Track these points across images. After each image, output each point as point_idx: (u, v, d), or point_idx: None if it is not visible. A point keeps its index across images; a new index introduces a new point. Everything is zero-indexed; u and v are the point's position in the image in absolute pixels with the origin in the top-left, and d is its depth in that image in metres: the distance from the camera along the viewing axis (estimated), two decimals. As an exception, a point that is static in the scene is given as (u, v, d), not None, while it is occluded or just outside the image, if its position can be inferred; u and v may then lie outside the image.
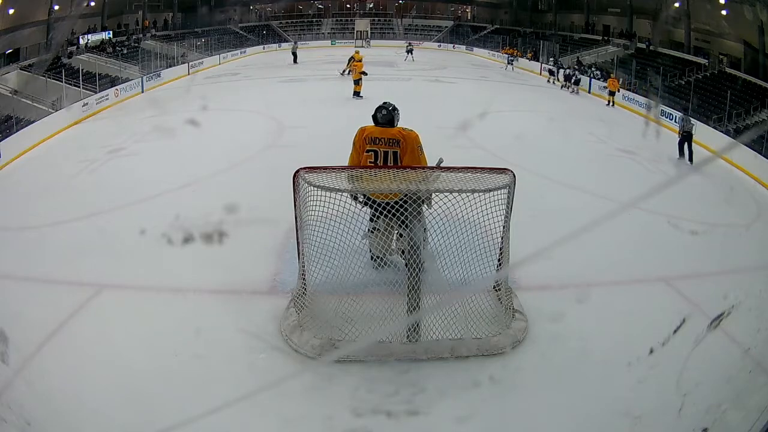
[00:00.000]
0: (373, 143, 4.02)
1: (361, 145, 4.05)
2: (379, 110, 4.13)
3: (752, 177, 8.65)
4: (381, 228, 3.81)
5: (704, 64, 15.80)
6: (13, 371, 3.26)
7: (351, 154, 4.13)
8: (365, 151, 4.03)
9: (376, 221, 3.78)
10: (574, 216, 5.37)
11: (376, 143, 4.01)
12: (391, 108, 4.13)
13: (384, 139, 4.00)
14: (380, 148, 4.00)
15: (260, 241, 5.03)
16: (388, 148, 3.98)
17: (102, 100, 13.42)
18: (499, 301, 3.92)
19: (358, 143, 4.08)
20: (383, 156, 3.98)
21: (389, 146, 3.98)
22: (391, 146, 3.98)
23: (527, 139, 7.87)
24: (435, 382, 3.30)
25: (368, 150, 4.02)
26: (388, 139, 4.00)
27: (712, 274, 4.79)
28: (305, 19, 30.35)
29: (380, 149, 4.00)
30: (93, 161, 8.22)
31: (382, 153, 3.99)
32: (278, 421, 2.99)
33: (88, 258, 4.85)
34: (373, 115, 4.15)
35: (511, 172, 3.64)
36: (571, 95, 15.49)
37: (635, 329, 3.79)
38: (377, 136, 4.02)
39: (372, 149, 4.01)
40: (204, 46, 22.33)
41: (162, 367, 3.39)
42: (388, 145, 3.99)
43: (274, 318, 3.91)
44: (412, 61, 21.16)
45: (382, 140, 4.00)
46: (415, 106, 12.91)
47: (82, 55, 17.14)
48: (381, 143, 4.00)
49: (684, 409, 2.77)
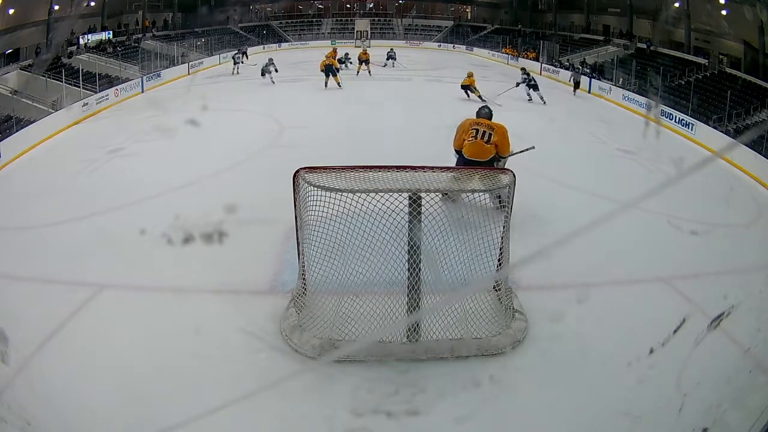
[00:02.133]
0: (477, 125, 5.81)
1: (467, 128, 5.78)
2: (482, 109, 6.12)
3: (752, 177, 8.64)
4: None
5: (704, 64, 15.77)
6: (13, 371, 3.27)
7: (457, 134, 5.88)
8: (471, 129, 5.75)
9: None
10: (574, 216, 5.38)
11: (480, 125, 5.80)
12: (490, 109, 6.11)
13: (485, 124, 5.82)
14: (481, 128, 5.75)
15: (260, 241, 5.03)
16: (486, 129, 5.75)
17: (102, 100, 13.40)
18: (499, 301, 3.92)
19: (465, 126, 5.83)
20: (482, 133, 5.72)
21: (488, 129, 5.74)
22: (489, 129, 5.74)
23: (527, 139, 7.83)
24: (435, 382, 3.30)
25: (473, 127, 5.76)
26: (487, 125, 5.82)
27: (712, 274, 4.80)
28: (305, 19, 30.33)
29: (481, 128, 5.75)
30: (93, 161, 8.21)
31: (482, 131, 5.74)
32: (278, 421, 3.00)
33: (88, 258, 4.85)
34: (477, 111, 6.08)
35: (511, 172, 3.65)
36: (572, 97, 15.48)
37: (635, 329, 3.79)
38: (480, 122, 5.85)
39: (476, 127, 5.77)
40: (204, 46, 22.30)
41: (162, 367, 3.39)
42: (487, 128, 5.75)
43: (274, 318, 3.91)
44: (392, 67, 19.77)
45: (483, 124, 5.82)
46: (415, 106, 12.99)
47: (82, 55, 17.12)
48: (482, 126, 5.79)
49: (684, 409, 2.77)
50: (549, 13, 26.19)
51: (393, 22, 30.44)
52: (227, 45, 23.49)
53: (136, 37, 20.89)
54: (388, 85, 15.73)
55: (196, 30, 24.16)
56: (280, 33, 28.55)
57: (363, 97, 13.43)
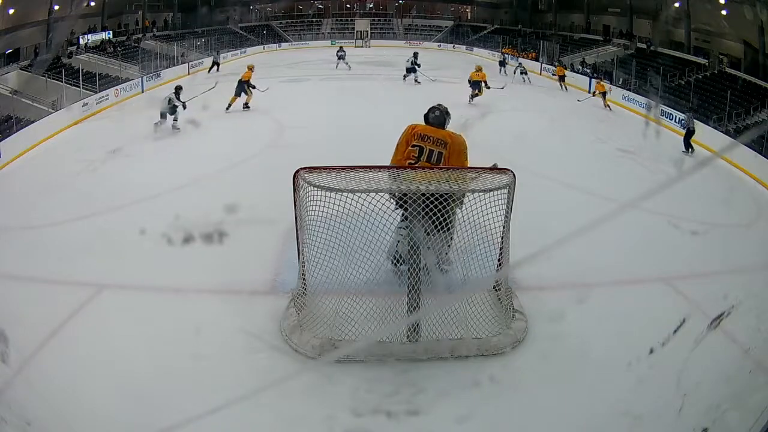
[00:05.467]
0: (421, 140, 4.08)
1: (409, 139, 4.13)
2: (432, 111, 4.24)
3: (752, 177, 8.64)
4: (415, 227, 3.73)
5: (704, 64, 15.77)
6: (13, 371, 3.27)
7: (396, 147, 4.20)
8: (411, 146, 4.08)
9: (411, 221, 3.63)
10: (574, 216, 5.37)
11: (424, 140, 4.08)
12: (444, 110, 4.25)
13: (432, 138, 4.08)
14: (427, 145, 4.06)
15: (260, 241, 5.03)
16: (434, 146, 4.05)
17: (102, 100, 13.39)
18: (499, 301, 3.93)
19: (406, 138, 4.15)
20: (428, 153, 4.04)
21: (436, 146, 4.05)
22: (438, 146, 4.05)
23: (527, 139, 7.87)
24: (435, 382, 3.30)
25: (414, 145, 4.08)
26: (437, 138, 4.08)
27: (712, 274, 4.80)
28: (305, 19, 30.33)
29: (426, 146, 4.06)
30: (93, 161, 8.21)
31: (428, 150, 4.05)
32: (278, 421, 3.00)
33: (88, 258, 4.85)
34: (425, 114, 4.26)
35: (511, 172, 3.65)
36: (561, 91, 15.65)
37: (635, 329, 3.79)
38: (426, 134, 4.10)
39: (418, 145, 4.07)
40: (204, 46, 22.29)
41: (162, 367, 3.39)
42: (435, 144, 4.06)
43: (274, 318, 3.91)
44: (348, 69, 18.31)
45: (430, 138, 4.08)
46: (415, 106, 12.94)
47: (82, 55, 17.12)
48: (429, 141, 4.07)
49: (684, 409, 2.77)
50: (549, 13, 26.19)
51: (393, 22, 30.44)
52: (227, 45, 23.49)
53: (136, 37, 20.88)
54: (388, 85, 15.72)
55: (196, 30, 24.16)
56: (280, 33, 28.54)
57: (363, 97, 13.42)
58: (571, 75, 17.53)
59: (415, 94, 14.38)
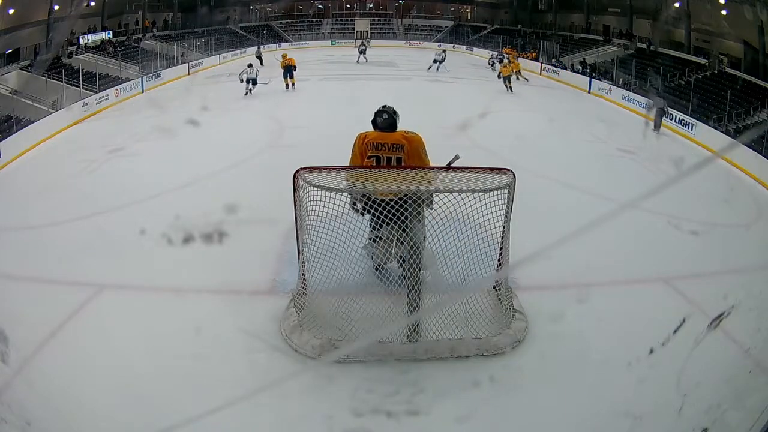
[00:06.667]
0: (375, 149, 3.83)
1: (363, 151, 3.87)
2: (379, 115, 3.94)
3: (752, 177, 8.64)
4: (384, 236, 3.77)
5: (704, 64, 15.78)
6: (13, 371, 3.27)
7: (350, 162, 3.93)
8: (367, 158, 3.83)
9: (379, 230, 3.72)
10: (574, 216, 5.37)
11: (379, 149, 3.83)
12: (391, 111, 3.96)
13: (387, 145, 3.82)
14: (383, 154, 3.82)
15: (260, 241, 5.02)
16: (391, 153, 3.81)
17: (102, 100, 13.41)
18: (499, 301, 3.92)
19: (359, 150, 3.90)
20: (386, 162, 3.82)
21: (393, 152, 3.82)
22: (395, 152, 3.82)
23: (527, 138, 7.87)
24: (435, 382, 3.30)
25: (370, 156, 3.82)
26: (392, 144, 3.83)
27: (712, 274, 4.79)
28: (305, 19, 30.35)
29: (383, 155, 3.82)
30: (93, 161, 8.22)
31: (386, 159, 3.82)
32: (278, 421, 2.99)
33: (88, 258, 4.85)
34: (373, 120, 3.97)
35: (511, 172, 3.64)
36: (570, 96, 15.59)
37: (635, 329, 3.79)
38: (380, 142, 3.83)
39: (374, 155, 3.82)
40: (204, 46, 22.32)
41: (162, 367, 3.39)
42: (391, 151, 3.82)
43: (274, 318, 3.90)
44: (365, 62, 19.81)
45: (385, 146, 3.82)
46: (415, 106, 12.94)
47: (82, 55, 17.13)
48: (384, 149, 3.82)
49: (684, 409, 2.77)
50: (549, 13, 26.21)
51: (393, 22, 30.47)
52: (227, 45, 23.52)
53: (136, 37, 20.91)
54: (388, 85, 15.71)
55: (196, 30, 24.19)
56: (280, 33, 28.56)
57: (363, 97, 13.41)
58: (572, 75, 17.54)
59: (416, 94, 14.41)
